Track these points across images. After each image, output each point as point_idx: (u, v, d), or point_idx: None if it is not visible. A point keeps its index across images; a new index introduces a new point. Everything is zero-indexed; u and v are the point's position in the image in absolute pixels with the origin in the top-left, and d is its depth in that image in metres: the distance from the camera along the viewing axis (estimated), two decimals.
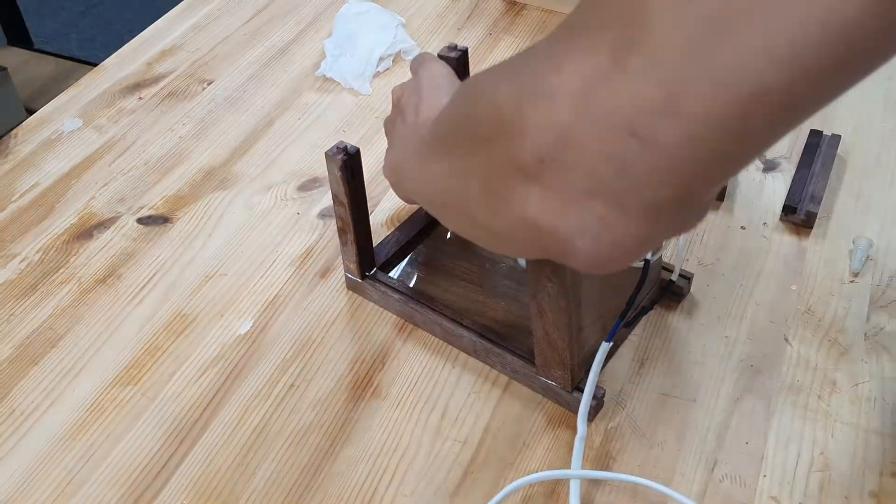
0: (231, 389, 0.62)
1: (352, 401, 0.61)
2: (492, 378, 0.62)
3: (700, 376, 0.61)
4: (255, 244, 0.72)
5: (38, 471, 0.57)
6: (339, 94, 0.88)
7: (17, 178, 0.80)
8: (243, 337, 0.65)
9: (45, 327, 0.66)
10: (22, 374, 0.63)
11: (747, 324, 0.64)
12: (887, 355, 0.62)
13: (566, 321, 0.54)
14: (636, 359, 0.63)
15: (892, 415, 0.58)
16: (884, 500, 0.54)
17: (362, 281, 0.66)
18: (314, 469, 0.57)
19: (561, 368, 0.57)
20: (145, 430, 0.59)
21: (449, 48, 0.66)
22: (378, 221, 0.74)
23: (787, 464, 0.56)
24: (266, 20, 0.99)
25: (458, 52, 0.66)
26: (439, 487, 0.56)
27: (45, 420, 0.60)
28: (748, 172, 0.77)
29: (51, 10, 2.73)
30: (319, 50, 0.94)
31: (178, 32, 0.98)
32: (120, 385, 0.62)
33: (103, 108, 0.87)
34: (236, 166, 0.80)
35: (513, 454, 0.57)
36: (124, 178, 0.79)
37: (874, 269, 0.68)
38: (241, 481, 0.56)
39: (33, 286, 0.69)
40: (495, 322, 0.64)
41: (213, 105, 0.87)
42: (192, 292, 0.68)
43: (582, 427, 0.56)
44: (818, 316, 0.65)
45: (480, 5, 1.00)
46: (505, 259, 0.68)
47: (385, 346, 0.64)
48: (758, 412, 0.59)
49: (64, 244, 0.73)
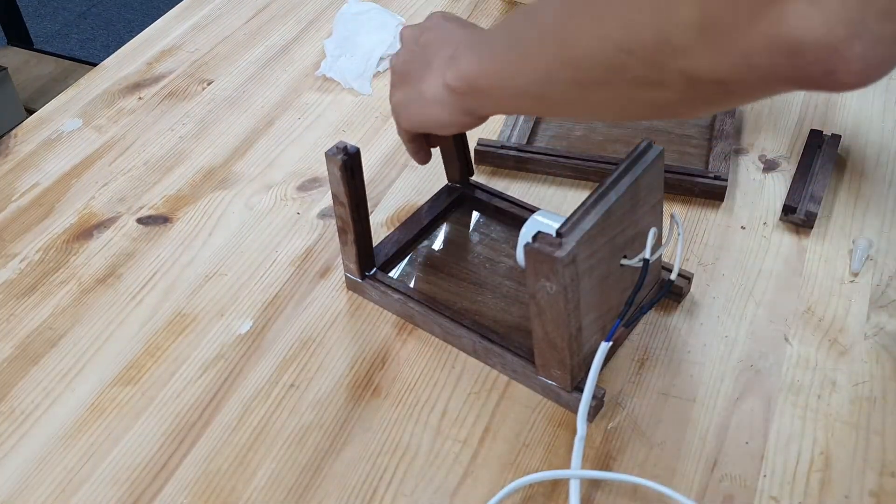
0: (231, 389, 0.62)
1: (352, 401, 0.61)
2: (492, 378, 0.62)
3: (700, 376, 0.61)
4: (255, 244, 0.72)
5: (39, 470, 0.57)
6: (339, 94, 0.88)
7: (17, 178, 0.80)
8: (243, 337, 0.65)
9: (45, 327, 0.66)
10: (22, 373, 0.63)
11: (747, 323, 0.64)
12: (887, 355, 0.62)
13: (565, 321, 0.54)
14: (636, 359, 0.63)
15: (893, 415, 0.58)
16: (884, 499, 0.54)
17: (362, 281, 0.66)
18: (314, 469, 0.57)
19: (560, 368, 0.57)
20: (145, 430, 0.59)
21: None
22: (378, 221, 0.74)
23: (787, 464, 0.56)
24: (266, 20, 0.99)
25: None
26: (439, 487, 0.56)
27: (46, 420, 0.60)
28: (748, 172, 0.77)
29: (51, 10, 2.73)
30: (319, 50, 0.94)
31: (177, 32, 0.98)
32: (120, 385, 0.62)
33: (103, 108, 0.87)
34: (236, 166, 0.80)
35: (512, 454, 0.57)
36: (124, 177, 0.79)
37: (874, 268, 0.68)
38: (241, 481, 0.56)
39: (33, 286, 0.69)
40: (495, 322, 0.64)
41: (213, 105, 0.87)
42: (192, 292, 0.68)
43: (582, 427, 0.56)
44: (818, 316, 0.65)
45: (480, 5, 1.00)
46: (504, 259, 0.68)
47: (385, 346, 0.64)
48: (758, 412, 0.59)
49: (64, 244, 0.73)
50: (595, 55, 0.41)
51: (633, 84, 0.40)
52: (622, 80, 0.41)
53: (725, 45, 0.35)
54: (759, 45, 0.34)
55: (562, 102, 0.47)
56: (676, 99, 0.40)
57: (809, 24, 0.32)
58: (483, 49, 0.52)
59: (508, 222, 0.71)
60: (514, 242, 0.70)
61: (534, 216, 0.63)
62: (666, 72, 0.38)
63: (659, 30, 0.37)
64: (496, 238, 0.70)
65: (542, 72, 0.45)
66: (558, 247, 0.51)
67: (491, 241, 0.70)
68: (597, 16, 0.40)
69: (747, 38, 0.34)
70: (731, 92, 0.38)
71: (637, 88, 0.40)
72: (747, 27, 0.33)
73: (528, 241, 0.52)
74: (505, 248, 0.69)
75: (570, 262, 0.52)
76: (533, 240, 0.52)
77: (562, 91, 0.45)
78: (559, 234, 0.52)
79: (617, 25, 0.39)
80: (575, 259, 0.52)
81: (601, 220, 0.54)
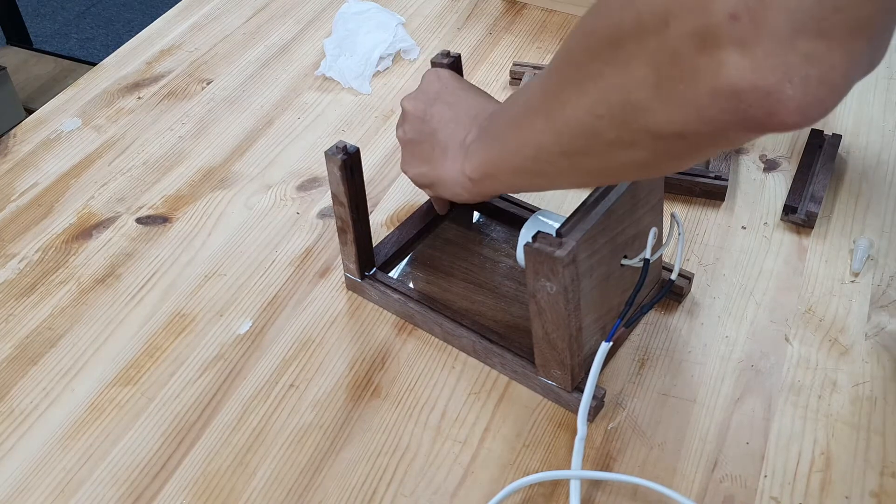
0: (230, 389, 0.61)
1: (351, 401, 0.61)
2: (492, 378, 0.62)
3: (700, 376, 0.61)
4: (255, 244, 0.72)
5: (38, 471, 0.57)
6: (338, 94, 0.88)
7: (17, 178, 0.79)
8: (243, 337, 0.65)
9: (44, 327, 0.66)
10: (21, 373, 0.63)
11: (748, 324, 0.64)
12: (888, 355, 0.62)
13: (566, 321, 0.54)
14: (636, 359, 0.62)
15: (893, 415, 0.58)
16: (884, 500, 0.54)
17: (362, 281, 0.66)
18: (314, 469, 0.57)
19: (561, 368, 0.57)
20: (145, 431, 0.59)
21: (441, 55, 0.67)
22: (378, 221, 0.74)
23: (787, 464, 0.56)
24: (265, 20, 0.99)
25: (451, 59, 0.66)
26: (439, 488, 0.56)
27: (45, 420, 0.60)
28: (749, 172, 0.77)
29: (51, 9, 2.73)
30: (319, 49, 0.94)
31: (177, 32, 0.98)
32: (119, 385, 0.62)
33: (102, 107, 0.87)
34: (236, 166, 0.80)
35: (512, 454, 0.57)
36: (123, 177, 0.79)
37: (875, 268, 0.68)
38: (241, 481, 0.56)
39: (32, 286, 0.69)
40: (495, 322, 0.64)
41: (213, 105, 0.87)
42: (191, 292, 0.68)
43: (582, 427, 0.56)
44: (819, 316, 0.65)
45: (480, 5, 1.00)
46: (504, 259, 0.68)
47: (385, 347, 0.64)
48: (758, 412, 0.59)
49: (63, 244, 0.73)
50: (574, 123, 0.45)
51: (610, 148, 0.44)
52: (601, 145, 0.44)
53: (677, 98, 0.37)
54: (705, 95, 0.36)
55: (557, 175, 0.51)
56: (650, 157, 0.43)
57: (742, 72, 0.35)
58: (490, 134, 0.56)
59: (508, 222, 0.71)
60: (514, 242, 0.69)
61: (534, 216, 0.63)
62: (634, 131, 0.41)
63: (622, 90, 0.40)
64: (496, 238, 0.70)
65: (534, 146, 0.49)
66: (559, 247, 0.51)
67: (491, 241, 0.70)
68: (574, 85, 0.44)
69: (693, 90, 0.36)
70: (694, 144, 0.40)
71: (615, 152, 0.44)
72: (692, 80, 0.36)
73: (529, 241, 0.52)
74: (505, 248, 0.69)
75: (571, 261, 0.52)
76: (533, 240, 0.52)
77: (554, 163, 0.49)
78: (559, 234, 0.52)
79: (589, 91, 0.43)
80: (575, 259, 0.52)
81: (601, 219, 0.54)
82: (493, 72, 0.89)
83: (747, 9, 0.34)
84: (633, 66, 0.39)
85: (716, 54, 0.35)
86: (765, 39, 0.34)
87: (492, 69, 0.90)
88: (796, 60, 0.34)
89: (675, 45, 0.36)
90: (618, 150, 0.44)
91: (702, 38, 0.35)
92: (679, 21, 0.36)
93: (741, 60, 0.34)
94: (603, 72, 0.41)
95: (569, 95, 0.45)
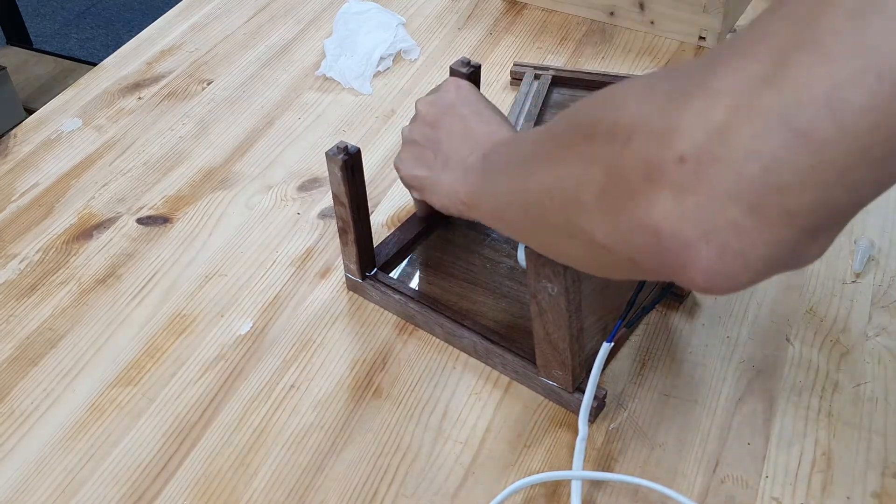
0: (231, 390, 0.61)
1: (352, 401, 0.60)
2: (493, 379, 0.62)
3: (702, 377, 0.61)
4: (255, 244, 0.72)
5: (39, 471, 0.57)
6: (339, 94, 0.88)
7: (17, 178, 0.79)
8: (243, 337, 0.65)
9: (44, 327, 0.66)
10: (22, 374, 0.63)
11: (749, 324, 0.64)
12: (889, 355, 0.62)
13: (567, 321, 0.54)
14: (637, 359, 0.62)
15: (895, 415, 0.58)
16: (886, 500, 0.54)
17: (363, 281, 0.66)
18: (315, 470, 0.57)
19: (562, 369, 0.57)
20: (145, 431, 0.59)
21: (461, 62, 0.66)
22: (378, 221, 0.74)
23: (788, 464, 0.56)
24: (266, 20, 0.99)
25: (471, 69, 0.66)
26: (440, 488, 0.55)
27: (46, 420, 0.60)
28: None
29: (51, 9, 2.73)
30: (319, 49, 0.94)
31: (177, 32, 0.98)
32: (120, 385, 0.62)
33: (103, 107, 0.87)
34: (236, 166, 0.80)
35: (514, 455, 0.57)
36: (124, 178, 0.79)
37: (876, 269, 0.68)
38: (242, 482, 0.56)
39: (33, 286, 0.69)
40: (496, 322, 0.64)
41: (213, 105, 0.87)
42: (192, 293, 0.68)
43: (583, 428, 0.56)
44: (820, 316, 0.65)
45: (480, 5, 1.00)
46: (505, 259, 0.68)
47: (385, 347, 0.64)
48: (759, 413, 0.59)
49: (64, 244, 0.73)
50: (534, 193, 0.45)
51: (555, 231, 0.44)
52: (548, 226, 0.45)
53: (613, 213, 0.37)
54: (635, 222, 0.36)
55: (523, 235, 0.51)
56: (586, 256, 0.43)
57: (668, 216, 0.34)
58: (486, 167, 0.56)
59: None
60: (514, 243, 0.69)
61: None
62: (572, 225, 0.41)
63: (575, 183, 0.40)
64: (497, 238, 0.70)
65: (511, 197, 0.50)
66: None
67: (492, 242, 0.70)
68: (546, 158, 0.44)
69: (628, 212, 0.36)
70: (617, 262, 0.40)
71: (559, 236, 0.44)
72: (629, 202, 0.36)
73: None
74: (506, 248, 0.69)
75: None
76: None
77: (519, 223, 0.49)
78: None
79: (553, 170, 0.43)
80: None
81: None
82: (494, 72, 0.89)
83: (697, 157, 0.33)
84: (592, 166, 0.39)
85: (653, 189, 0.35)
86: (700, 192, 0.33)
87: (492, 69, 0.90)
88: (721, 224, 0.33)
89: (628, 163, 0.36)
90: (560, 236, 0.44)
91: (649, 168, 0.35)
92: (639, 142, 0.35)
93: (671, 204, 0.34)
94: (567, 158, 0.41)
95: (539, 165, 0.45)
